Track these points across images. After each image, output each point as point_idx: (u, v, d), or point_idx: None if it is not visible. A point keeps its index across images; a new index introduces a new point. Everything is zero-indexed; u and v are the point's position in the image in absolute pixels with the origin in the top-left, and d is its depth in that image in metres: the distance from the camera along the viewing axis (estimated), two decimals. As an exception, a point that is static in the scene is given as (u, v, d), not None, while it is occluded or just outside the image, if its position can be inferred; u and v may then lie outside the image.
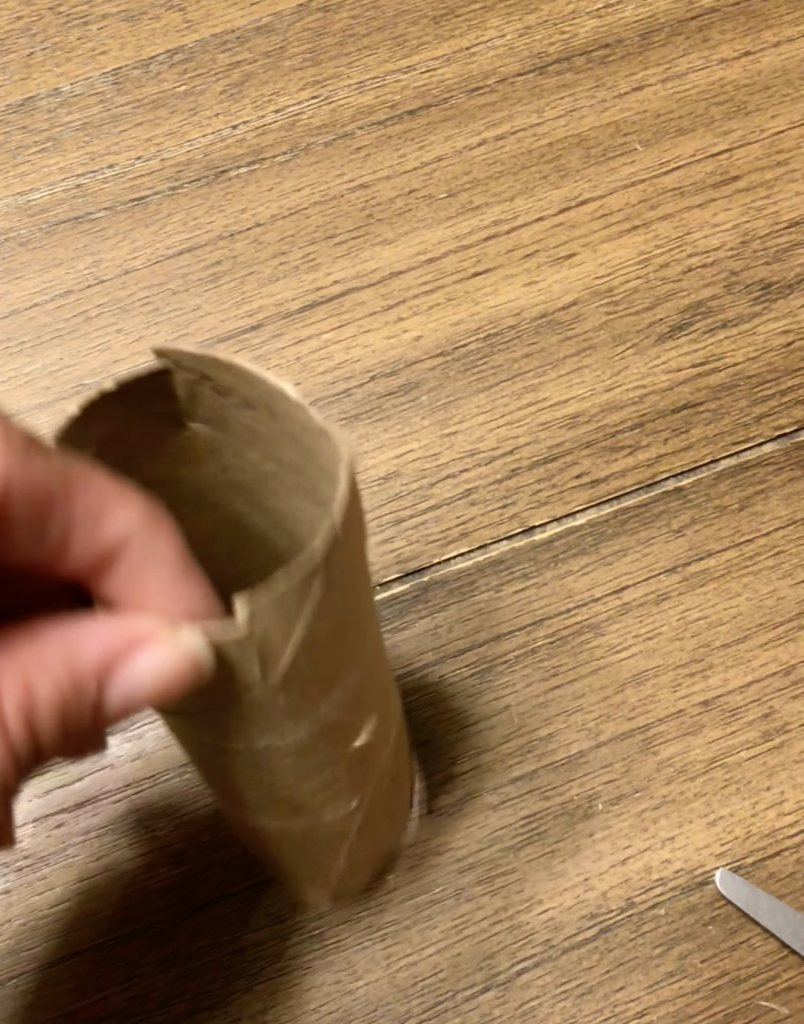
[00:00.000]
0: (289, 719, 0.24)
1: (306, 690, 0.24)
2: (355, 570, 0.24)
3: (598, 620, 0.38)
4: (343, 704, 0.26)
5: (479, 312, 0.41)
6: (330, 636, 0.24)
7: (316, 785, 0.27)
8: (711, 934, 0.35)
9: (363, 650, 0.26)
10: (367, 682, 0.27)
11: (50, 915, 0.35)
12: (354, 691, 0.26)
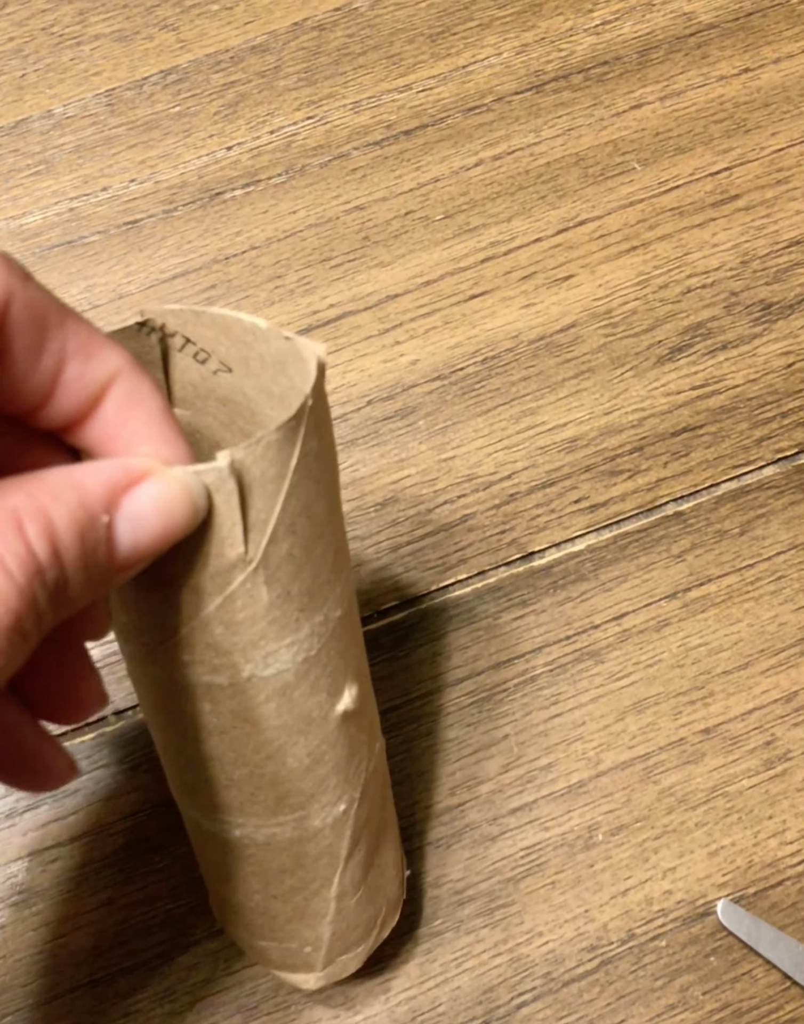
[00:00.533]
0: (273, 629, 0.24)
1: (289, 591, 0.24)
2: (329, 469, 0.24)
3: (598, 647, 0.38)
4: (325, 640, 0.25)
5: (476, 335, 0.41)
6: (311, 531, 0.24)
7: (302, 755, 0.26)
8: (713, 966, 0.35)
9: (341, 582, 0.26)
10: (346, 631, 0.26)
11: (46, 950, 0.35)
12: (335, 630, 0.26)
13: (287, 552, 0.23)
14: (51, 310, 0.20)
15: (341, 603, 0.26)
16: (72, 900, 0.35)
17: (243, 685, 0.25)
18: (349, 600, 0.27)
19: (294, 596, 0.24)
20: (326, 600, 0.25)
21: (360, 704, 0.27)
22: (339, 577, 0.26)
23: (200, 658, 0.24)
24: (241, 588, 0.23)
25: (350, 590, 0.27)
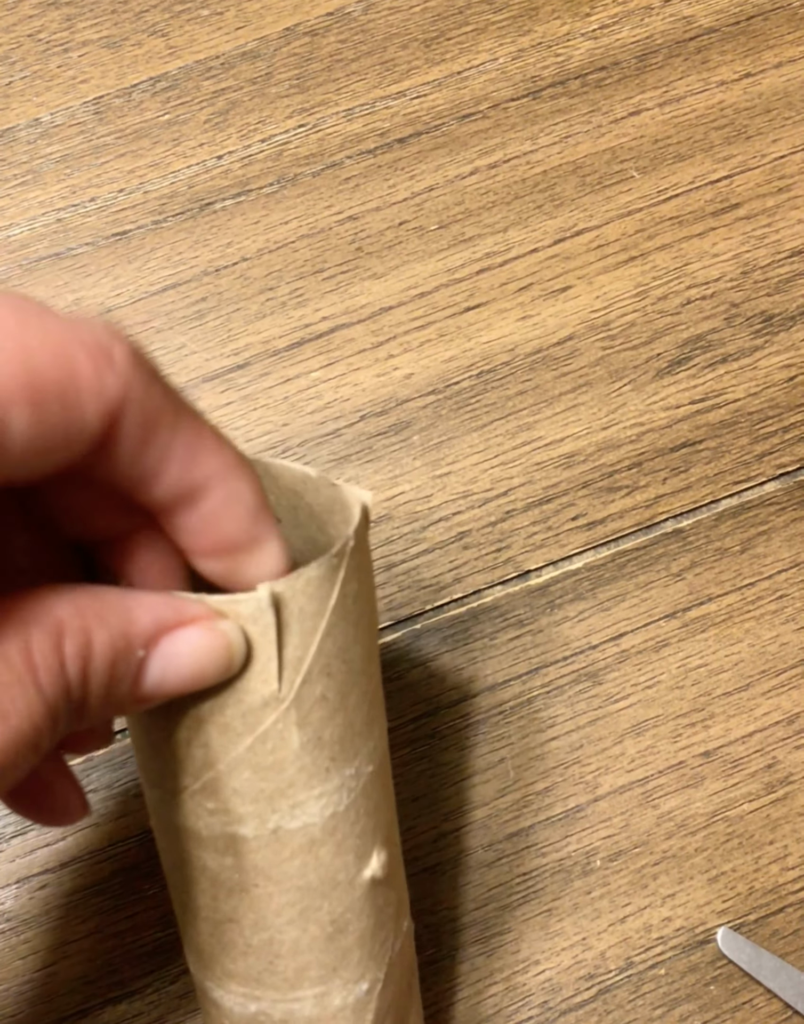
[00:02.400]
0: (302, 776, 0.23)
1: (321, 736, 0.23)
2: (367, 616, 0.24)
3: (596, 668, 0.37)
4: (355, 796, 0.24)
5: (472, 348, 0.40)
6: (346, 676, 0.23)
7: (325, 921, 0.25)
8: (713, 995, 0.35)
9: (374, 737, 0.25)
10: (377, 790, 0.25)
11: (34, 980, 0.34)
12: (366, 787, 0.25)
13: (321, 694, 0.23)
14: (167, 412, 0.20)
15: (372, 759, 0.25)
16: (60, 928, 0.35)
17: (268, 838, 0.24)
18: (381, 759, 0.25)
19: (326, 743, 0.23)
20: (358, 753, 0.24)
21: (389, 873, 0.26)
22: (372, 732, 0.25)
23: (225, 805, 0.24)
24: (272, 728, 0.23)
25: (383, 748, 0.26)
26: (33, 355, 0.18)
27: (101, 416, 0.19)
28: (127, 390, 0.19)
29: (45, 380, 0.18)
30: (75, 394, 0.19)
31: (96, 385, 0.19)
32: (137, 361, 0.20)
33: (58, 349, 0.19)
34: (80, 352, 0.19)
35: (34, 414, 0.18)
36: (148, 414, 0.20)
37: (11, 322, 0.18)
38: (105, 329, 0.20)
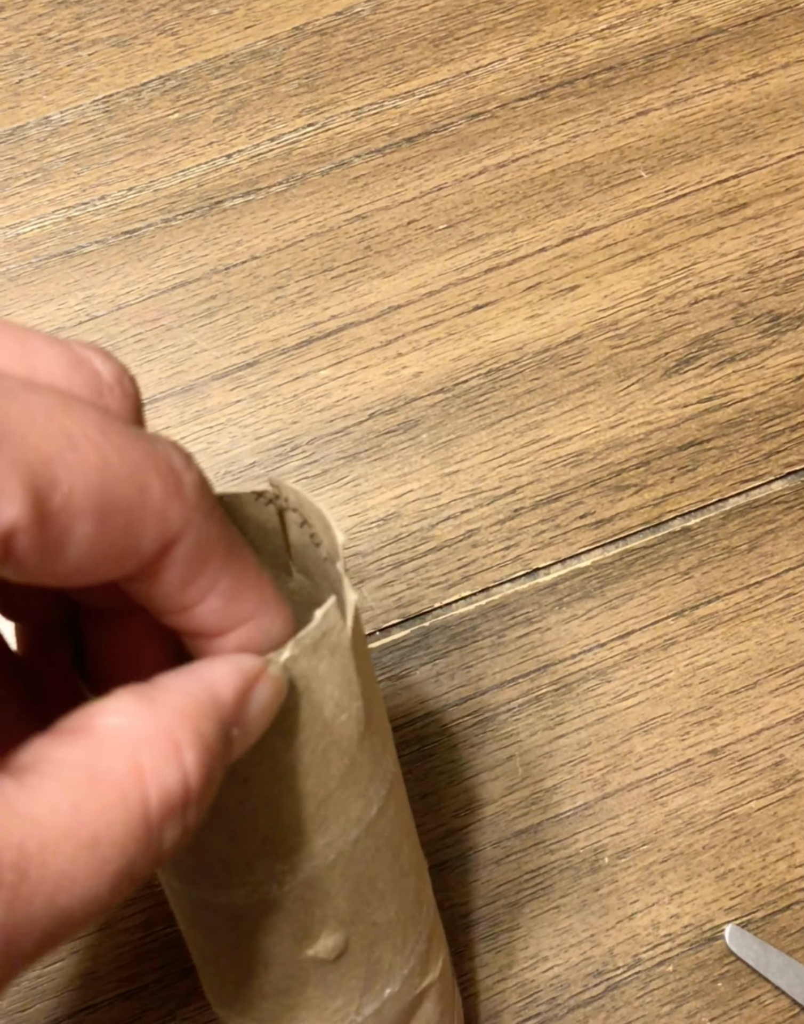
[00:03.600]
0: (219, 867, 0.23)
1: (236, 837, 0.23)
2: (325, 721, 0.23)
3: (604, 666, 0.37)
4: (293, 887, 0.24)
5: (480, 347, 0.40)
6: (272, 784, 0.23)
7: (259, 987, 0.25)
8: (720, 991, 0.35)
9: (331, 829, 0.25)
10: (336, 876, 0.25)
11: (44, 975, 0.34)
12: (311, 878, 0.25)
13: (236, 800, 0.23)
14: (219, 550, 0.20)
15: (323, 854, 0.24)
16: (70, 924, 0.35)
17: (197, 900, 0.24)
18: (340, 851, 0.25)
19: (242, 842, 0.23)
20: (296, 851, 0.24)
21: (345, 953, 0.26)
22: (322, 830, 0.24)
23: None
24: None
25: (346, 841, 0.25)
26: (111, 471, 0.18)
27: (160, 542, 0.19)
28: (189, 520, 0.19)
29: (117, 498, 0.18)
30: (141, 515, 0.18)
31: (162, 509, 0.18)
32: (204, 492, 0.19)
33: (134, 468, 0.18)
34: (154, 474, 0.18)
35: (98, 530, 0.18)
36: (202, 548, 0.19)
37: (94, 432, 0.18)
38: (178, 452, 0.19)
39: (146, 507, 0.18)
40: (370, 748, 0.25)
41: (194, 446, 0.39)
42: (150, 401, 0.40)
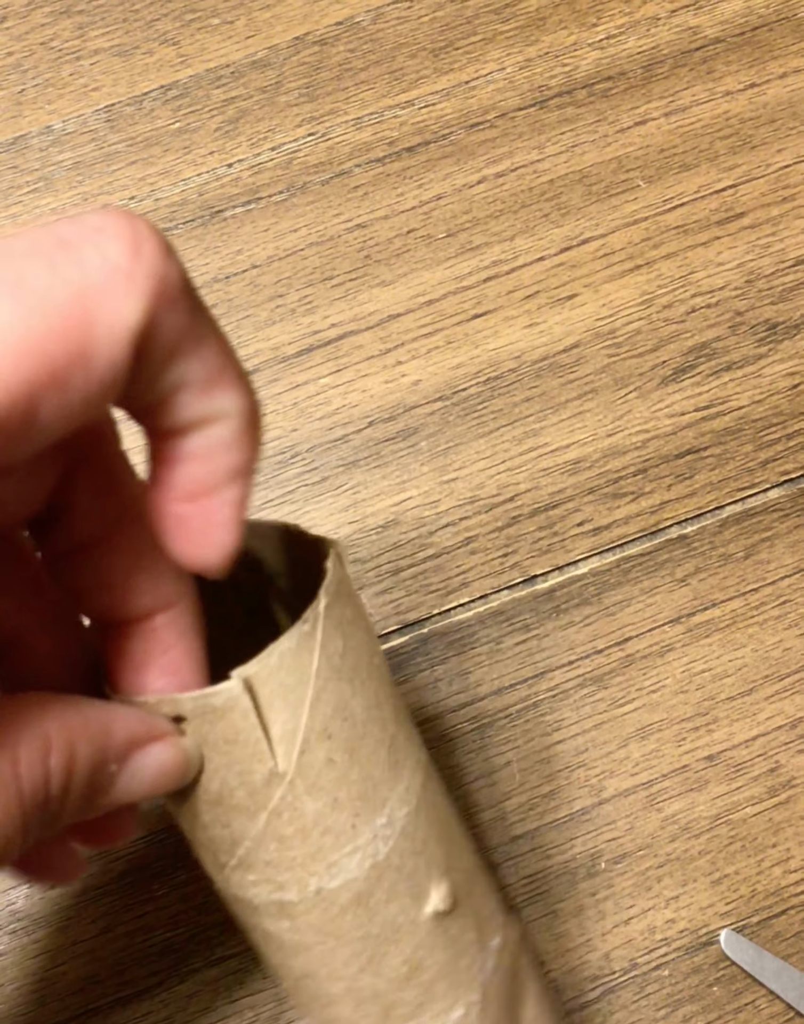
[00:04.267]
0: (328, 839, 0.23)
1: (336, 798, 0.23)
2: (364, 665, 0.24)
3: (601, 672, 0.38)
4: (394, 841, 0.24)
5: (479, 355, 0.41)
6: (351, 733, 0.23)
7: (397, 964, 0.25)
8: (716, 996, 0.35)
9: (404, 777, 0.25)
10: (422, 827, 0.25)
11: (45, 978, 0.35)
12: (406, 828, 0.25)
13: (325, 758, 0.23)
14: (190, 337, 0.18)
15: (407, 800, 0.25)
16: (70, 928, 0.35)
17: (313, 899, 0.24)
18: (419, 794, 0.25)
19: (344, 802, 0.23)
20: (386, 801, 0.24)
21: (455, 902, 0.26)
22: (400, 773, 0.25)
23: (264, 876, 0.24)
24: (283, 802, 0.23)
25: (420, 781, 0.26)
26: (42, 334, 0.16)
27: (125, 355, 0.17)
28: (153, 320, 0.17)
29: (60, 355, 0.16)
30: (93, 354, 0.17)
31: (117, 320, 0.17)
32: (163, 284, 0.18)
33: (68, 309, 0.17)
34: (95, 294, 0.17)
35: (59, 396, 0.17)
36: (171, 340, 0.18)
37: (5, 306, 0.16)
38: (132, 224, 0.18)
39: (96, 340, 0.17)
40: (398, 692, 0.26)
41: (195, 453, 0.40)
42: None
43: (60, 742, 0.21)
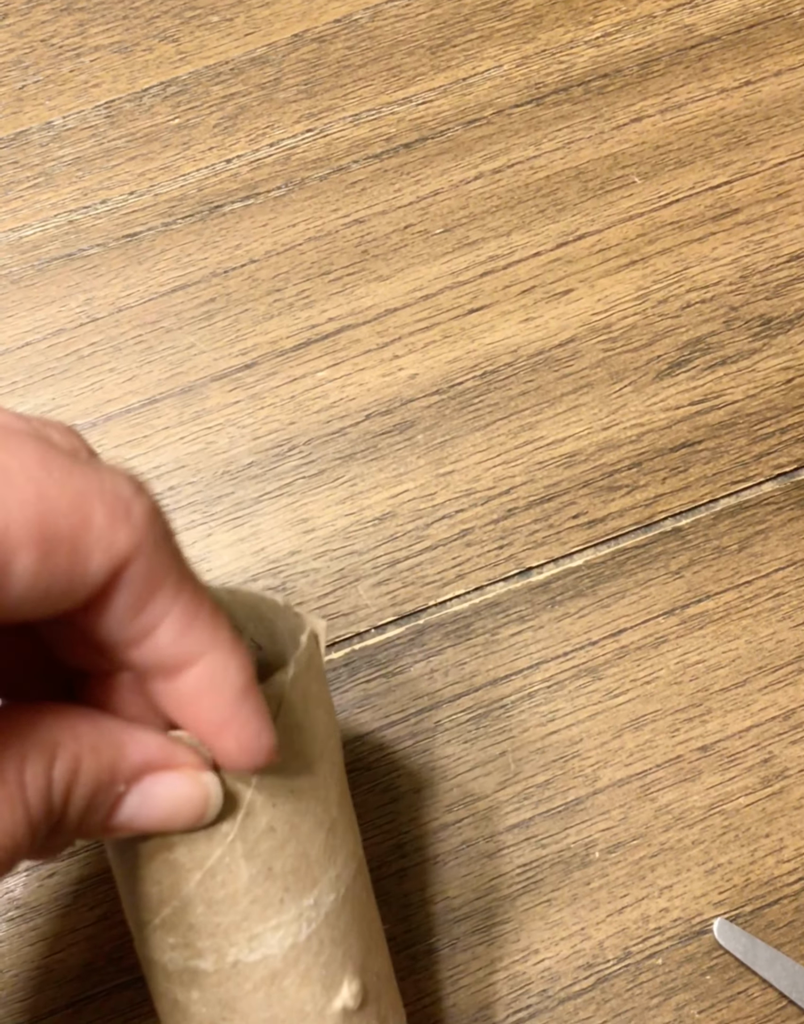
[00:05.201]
0: (256, 908, 0.23)
1: (271, 867, 0.23)
2: (318, 744, 0.24)
3: (595, 664, 0.38)
4: (317, 925, 0.24)
5: (475, 349, 0.41)
6: (294, 804, 0.23)
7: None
8: (709, 984, 0.35)
9: (337, 865, 0.25)
10: (344, 918, 0.25)
11: (42, 965, 0.35)
12: (329, 916, 0.25)
13: (267, 826, 0.23)
14: (170, 579, 0.20)
15: (336, 887, 0.25)
16: (69, 915, 0.35)
17: (229, 971, 0.24)
18: (348, 885, 0.25)
19: (277, 874, 0.23)
20: (317, 882, 0.24)
21: (364, 1002, 0.26)
22: (334, 859, 0.25)
23: (184, 940, 0.24)
24: (220, 863, 0.23)
25: (350, 873, 0.26)
26: (50, 502, 0.18)
27: (107, 569, 0.19)
28: (137, 547, 0.19)
29: (57, 528, 0.18)
30: (85, 544, 0.19)
31: (108, 537, 0.19)
32: (153, 520, 0.20)
33: (76, 499, 0.19)
34: (98, 503, 0.19)
35: (40, 560, 0.18)
36: (153, 575, 0.20)
37: (33, 465, 0.18)
38: (129, 482, 0.20)
39: (90, 534, 0.19)
40: (346, 777, 0.26)
41: (193, 446, 0.40)
42: (150, 402, 0.40)
43: (66, 751, 0.21)
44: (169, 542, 0.21)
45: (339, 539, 0.39)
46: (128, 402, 0.40)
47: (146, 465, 0.40)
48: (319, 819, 0.24)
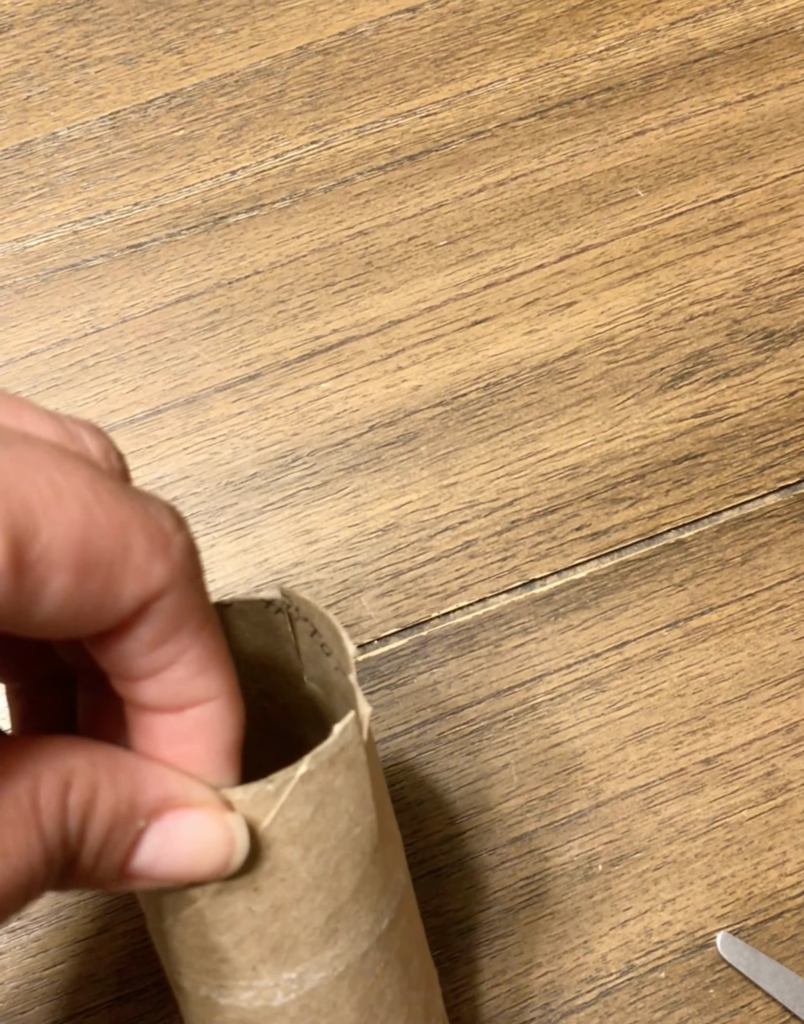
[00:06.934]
0: (225, 967, 0.23)
1: (243, 939, 0.23)
2: (341, 832, 0.23)
3: (599, 676, 0.38)
4: (298, 996, 0.24)
5: (479, 361, 0.41)
6: (285, 892, 0.23)
7: None
8: (712, 998, 0.35)
9: (339, 943, 0.24)
10: (345, 989, 0.25)
11: (44, 977, 0.35)
12: (317, 989, 0.24)
13: (245, 907, 0.23)
14: (195, 618, 0.20)
15: (332, 966, 0.24)
16: (69, 926, 0.35)
17: (201, 999, 0.24)
18: (351, 963, 0.25)
19: (250, 947, 0.23)
20: (301, 961, 0.24)
21: None
22: (332, 941, 0.24)
23: (166, 958, 0.25)
24: (188, 920, 0.23)
25: (358, 953, 0.25)
26: (94, 527, 0.18)
27: (138, 600, 0.19)
28: (172, 581, 0.19)
29: (98, 553, 0.18)
30: (122, 571, 0.19)
31: (145, 568, 0.19)
32: (190, 556, 0.20)
33: (120, 525, 0.19)
34: (140, 533, 0.19)
35: (76, 583, 0.18)
36: (180, 611, 0.20)
37: (82, 487, 0.18)
38: (171, 515, 0.20)
39: (128, 563, 0.19)
40: (382, 860, 0.25)
41: (197, 457, 0.40)
42: (154, 413, 0.40)
43: (82, 778, 0.20)
44: (200, 580, 0.20)
45: (342, 550, 0.39)
46: (132, 412, 0.40)
47: (150, 476, 0.40)
48: (319, 905, 0.24)
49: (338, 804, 0.23)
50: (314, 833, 0.23)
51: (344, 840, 0.24)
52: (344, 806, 0.23)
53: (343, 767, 0.23)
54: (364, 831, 0.24)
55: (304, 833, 0.23)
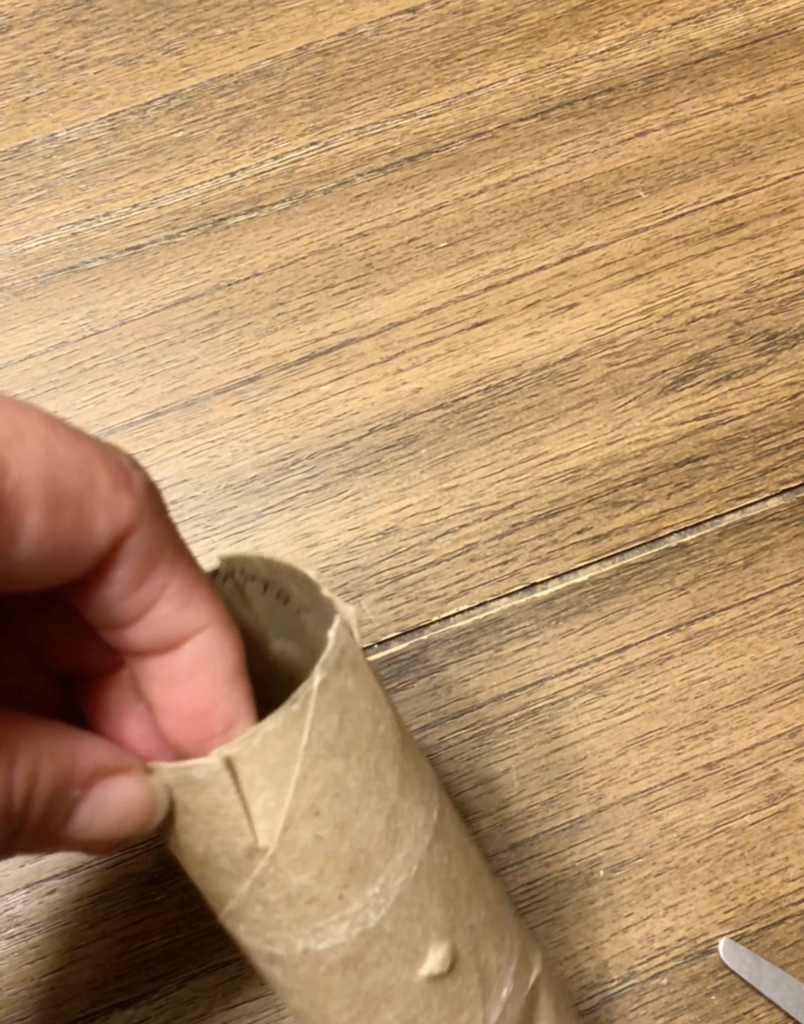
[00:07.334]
0: (314, 908, 0.23)
1: (322, 872, 0.23)
2: (364, 737, 0.23)
3: (600, 680, 0.38)
4: (387, 910, 0.24)
5: (479, 363, 0.41)
6: (343, 808, 0.23)
7: (389, 1020, 0.25)
8: (714, 1004, 0.35)
9: (404, 845, 0.24)
10: (420, 891, 0.25)
11: (42, 984, 0.35)
12: (402, 896, 0.24)
13: (312, 836, 0.23)
14: (168, 550, 0.20)
15: (406, 867, 0.24)
16: (69, 933, 0.35)
17: (301, 957, 0.24)
18: (421, 859, 0.25)
19: (331, 875, 0.23)
20: (380, 872, 0.24)
21: (456, 961, 0.25)
22: (398, 841, 0.24)
23: (252, 931, 0.24)
24: (265, 873, 0.23)
25: (423, 847, 0.25)
26: (59, 461, 0.18)
27: (111, 534, 0.19)
28: (139, 515, 0.20)
29: (65, 487, 0.18)
30: (91, 507, 0.19)
31: (112, 502, 0.19)
32: (152, 491, 0.20)
33: (82, 461, 0.19)
34: (102, 469, 0.19)
35: (49, 518, 0.18)
36: (153, 546, 0.20)
37: (42, 427, 0.19)
38: (125, 454, 0.20)
39: (96, 498, 0.19)
40: (412, 754, 0.25)
41: (196, 460, 0.40)
42: (153, 415, 0.40)
43: (26, 756, 0.20)
44: (166, 515, 0.21)
45: (342, 554, 0.39)
46: (131, 415, 0.40)
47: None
48: (375, 809, 0.24)
49: (358, 706, 0.23)
50: (347, 740, 0.23)
51: (374, 740, 0.24)
52: (364, 706, 0.24)
53: (349, 669, 0.23)
54: (387, 727, 0.24)
55: (339, 742, 0.23)
